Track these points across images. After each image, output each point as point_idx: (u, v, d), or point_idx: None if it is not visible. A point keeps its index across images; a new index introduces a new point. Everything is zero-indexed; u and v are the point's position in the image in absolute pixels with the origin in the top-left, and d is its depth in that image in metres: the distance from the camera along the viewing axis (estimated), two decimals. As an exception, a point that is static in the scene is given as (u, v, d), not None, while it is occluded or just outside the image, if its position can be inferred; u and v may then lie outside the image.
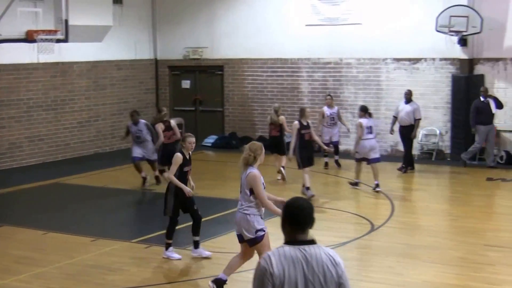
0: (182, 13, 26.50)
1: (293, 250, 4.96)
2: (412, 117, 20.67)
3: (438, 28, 21.39)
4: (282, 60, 25.08)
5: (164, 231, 12.62)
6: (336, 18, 23.97)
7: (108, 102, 24.92)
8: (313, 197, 16.73)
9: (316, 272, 4.94)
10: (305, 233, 5.03)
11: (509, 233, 13.97)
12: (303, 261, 4.93)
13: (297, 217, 5.03)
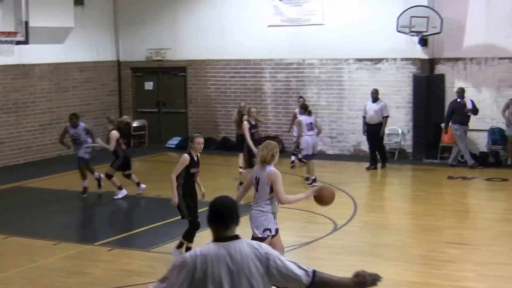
0: (144, 14, 26.44)
1: (218, 247, 5.05)
2: (380, 115, 21.01)
3: (399, 28, 21.54)
4: (245, 61, 25.12)
5: (126, 234, 12.59)
6: (298, 19, 24.05)
7: (71, 104, 24.76)
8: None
9: (241, 266, 5.01)
10: (230, 230, 5.11)
11: (469, 230, 14.14)
12: (227, 257, 5.01)
13: (220, 215, 5.12)
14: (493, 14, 21.62)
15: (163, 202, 17.11)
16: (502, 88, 21.72)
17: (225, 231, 5.11)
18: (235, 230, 5.15)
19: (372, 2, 23.02)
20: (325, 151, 23.79)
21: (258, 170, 10.13)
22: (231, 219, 5.12)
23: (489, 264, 11.70)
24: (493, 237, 13.52)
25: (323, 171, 20.91)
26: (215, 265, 5.01)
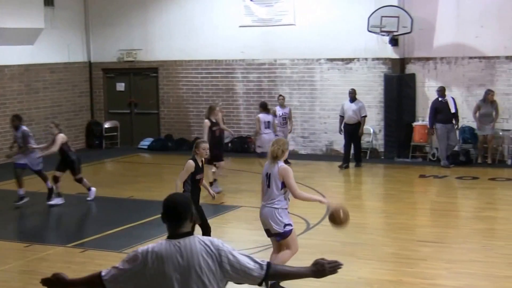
0: (115, 15, 26.36)
1: (169, 244, 5.10)
2: (358, 115, 21.23)
3: (369, 28, 21.65)
4: (217, 62, 25.12)
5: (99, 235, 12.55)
6: (269, 19, 24.10)
7: (42, 106, 24.66)
8: (220, 193, 17.01)
9: (191, 263, 5.05)
10: (183, 227, 5.16)
11: (440, 228, 14.23)
12: (177, 254, 5.06)
13: (172, 212, 5.17)
14: (462, 13, 21.78)
15: (136, 203, 17.13)
16: (472, 88, 21.89)
17: (178, 228, 5.15)
18: (188, 227, 5.19)
19: (343, 2, 23.11)
20: (298, 151, 23.86)
21: (268, 166, 10.24)
22: (184, 217, 5.16)
23: (461, 262, 11.80)
24: (464, 235, 13.63)
25: (296, 171, 20.93)
26: (165, 262, 5.04)
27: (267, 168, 10.25)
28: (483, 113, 21.10)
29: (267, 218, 10.20)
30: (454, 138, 21.15)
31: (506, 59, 21.54)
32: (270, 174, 10.12)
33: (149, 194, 17.88)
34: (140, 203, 17.08)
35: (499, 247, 12.64)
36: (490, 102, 21.12)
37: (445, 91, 21.06)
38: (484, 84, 21.66)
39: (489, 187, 18.54)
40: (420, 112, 22.50)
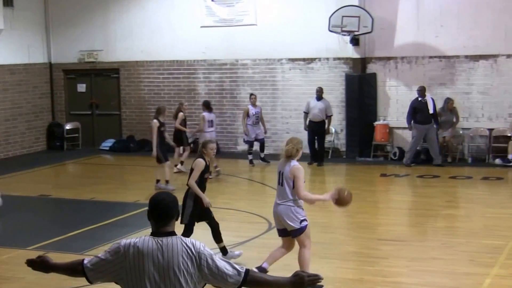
0: (75, 15, 26.19)
1: (151, 241, 5.15)
2: (324, 113, 21.45)
3: (331, 28, 21.73)
4: (178, 62, 25.08)
5: (60, 237, 12.46)
6: (231, 20, 24.10)
7: (1, 107, 24.44)
8: (173, 191, 17.10)
9: (171, 263, 5.10)
10: (168, 226, 5.22)
11: (401, 226, 14.34)
12: (158, 252, 5.11)
13: (158, 210, 5.23)
14: (422, 13, 21.96)
15: (98, 204, 17.05)
16: (432, 87, 22.06)
17: (162, 227, 5.21)
18: (173, 226, 5.26)
19: (304, 2, 23.18)
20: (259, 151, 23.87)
21: (281, 164, 10.39)
22: (170, 216, 5.23)
23: (422, 260, 11.88)
24: (425, 233, 13.74)
25: (257, 172, 21.04)
26: (145, 258, 5.10)
27: (280, 166, 10.42)
28: (444, 120, 21.34)
29: (282, 216, 10.33)
30: (434, 138, 21.08)
31: (465, 58, 21.74)
32: (282, 173, 10.28)
33: (111, 196, 17.82)
34: (102, 205, 17.00)
35: (459, 244, 12.75)
36: (450, 110, 21.35)
37: (425, 91, 21.07)
38: (444, 84, 21.87)
39: (450, 186, 18.70)
40: (382, 111, 22.64)
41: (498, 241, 12.80)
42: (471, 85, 21.81)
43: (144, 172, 21.07)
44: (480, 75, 21.69)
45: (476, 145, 21.99)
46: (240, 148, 24.25)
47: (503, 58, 21.41)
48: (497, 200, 16.89)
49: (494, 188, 18.54)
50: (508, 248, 12.22)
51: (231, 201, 16.87)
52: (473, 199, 17.03)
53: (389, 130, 22.31)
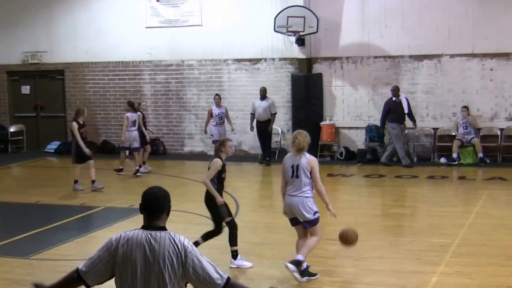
0: (18, 15, 25.87)
1: (141, 234, 5.30)
2: (269, 112, 21.71)
3: (276, 28, 21.78)
4: (124, 63, 24.93)
5: (5, 242, 12.28)
6: (176, 20, 24.04)
7: None
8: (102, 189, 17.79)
9: (157, 256, 5.22)
10: (159, 220, 5.37)
11: (348, 226, 14.38)
12: (147, 244, 5.24)
13: (149, 204, 5.39)
14: (367, 13, 22.13)
15: (44, 208, 16.85)
16: (377, 86, 22.26)
17: (153, 221, 5.36)
18: (164, 220, 5.41)
19: (249, 2, 23.20)
20: (206, 152, 23.85)
21: (293, 158, 10.79)
22: (162, 210, 5.40)
23: (369, 259, 11.95)
24: (372, 232, 13.81)
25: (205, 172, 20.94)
26: (134, 250, 5.24)
27: (291, 160, 10.77)
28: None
29: (298, 206, 10.68)
30: (402, 139, 21.23)
31: (410, 58, 21.97)
32: (298, 165, 10.63)
33: (57, 199, 17.64)
34: (48, 208, 16.82)
35: (405, 243, 12.86)
36: None
37: (399, 90, 21.14)
38: (389, 83, 22.04)
39: (396, 185, 18.86)
40: (328, 111, 22.76)
41: (443, 239, 12.94)
42: (416, 85, 22.04)
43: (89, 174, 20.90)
44: (425, 75, 21.93)
45: (421, 145, 22.23)
46: (186, 149, 24.21)
47: (447, 58, 21.66)
48: (442, 198, 17.07)
49: (439, 187, 18.74)
50: (454, 246, 12.36)
51: (178, 203, 16.77)
52: (418, 198, 17.20)
53: (335, 130, 22.44)
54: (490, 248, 12.14)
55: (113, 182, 19.88)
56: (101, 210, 16.05)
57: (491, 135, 21.62)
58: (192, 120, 24.16)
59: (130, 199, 17.20)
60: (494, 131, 21.57)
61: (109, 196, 17.71)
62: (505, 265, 11.20)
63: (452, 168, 20.59)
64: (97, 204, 16.58)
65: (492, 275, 10.66)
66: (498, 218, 14.45)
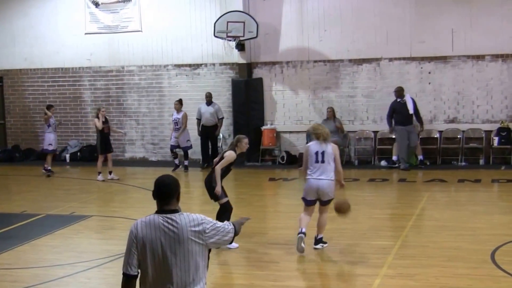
0: (-46, 23, 25.45)
1: (158, 218, 5.89)
2: (216, 117, 21.90)
3: (216, 33, 21.79)
4: (63, 70, 24.71)
5: None
6: (115, 26, 23.90)
7: None
8: None
9: (179, 234, 5.83)
10: (171, 204, 5.94)
11: (290, 230, 14.37)
12: (164, 226, 5.84)
13: (162, 190, 5.97)
14: (306, 18, 22.26)
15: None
16: (318, 90, 22.40)
17: (165, 205, 5.93)
18: (175, 204, 5.97)
19: (189, 8, 23.16)
20: (148, 158, 23.76)
21: (318, 146, 12.18)
22: (173, 195, 5.96)
23: (311, 262, 11.99)
24: (313, 235, 13.84)
25: (146, 178, 20.86)
26: (153, 233, 5.85)
27: (317, 147, 12.16)
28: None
29: (326, 189, 12.20)
30: (414, 139, 21.00)
31: (349, 62, 22.14)
32: (323, 152, 12.09)
33: (-4, 207, 17.39)
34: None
35: (348, 246, 12.92)
36: (329, 118, 21.69)
37: (402, 91, 21.04)
38: (329, 87, 22.22)
39: (337, 188, 18.91)
40: (269, 116, 22.83)
41: (385, 241, 13.05)
42: (355, 89, 22.23)
43: (30, 182, 20.67)
44: (364, 79, 22.13)
45: (362, 148, 22.41)
46: (127, 155, 24.08)
47: (386, 62, 21.89)
48: (383, 201, 17.23)
49: (380, 189, 18.90)
50: (396, 248, 12.46)
51: (120, 209, 16.69)
52: (360, 200, 17.27)
53: (276, 134, 22.52)
54: (432, 250, 12.27)
55: (54, 189, 19.66)
56: (42, 218, 15.85)
57: (430, 138, 21.90)
58: (133, 126, 24.03)
59: (70, 206, 17.07)
60: (433, 134, 21.85)
61: (50, 203, 17.50)
62: (447, 266, 11.32)
63: (392, 171, 20.79)
64: (37, 212, 16.37)
65: (434, 277, 10.77)
66: (439, 220, 14.62)
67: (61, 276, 11.40)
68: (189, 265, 5.89)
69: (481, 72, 21.39)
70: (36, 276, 11.44)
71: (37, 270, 11.79)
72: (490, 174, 19.79)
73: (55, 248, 13.29)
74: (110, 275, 11.50)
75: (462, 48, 21.37)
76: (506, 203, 16.65)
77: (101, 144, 20.43)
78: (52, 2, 24.55)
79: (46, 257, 12.71)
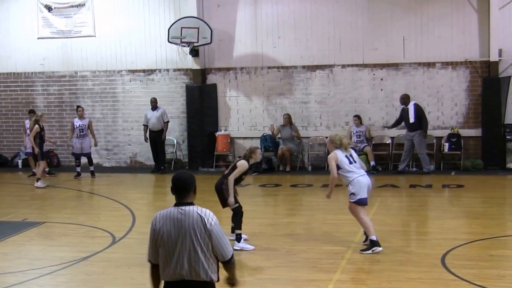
0: None
1: (173, 210, 6.49)
2: (161, 121, 21.99)
3: (170, 39, 21.78)
4: (15, 75, 24.50)
5: None
6: (69, 31, 23.78)
7: None
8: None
9: (188, 226, 6.41)
10: (186, 198, 6.51)
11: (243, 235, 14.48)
12: (178, 217, 6.44)
13: (178, 185, 6.54)
14: (260, 24, 22.36)
15: None
16: (271, 96, 22.51)
17: (182, 199, 6.52)
18: (192, 198, 6.55)
19: (143, 13, 23.14)
20: (102, 164, 23.66)
21: (344, 152, 12.59)
22: (189, 189, 6.51)
23: (265, 268, 12.00)
24: (268, 241, 13.90)
25: (100, 184, 20.80)
26: (167, 223, 6.44)
27: (343, 153, 12.57)
28: (284, 137, 21.84)
29: (370, 183, 12.92)
30: (417, 146, 20.95)
31: (302, 68, 22.28)
32: (351, 154, 12.64)
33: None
34: None
35: (301, 251, 12.97)
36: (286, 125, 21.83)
37: (407, 99, 20.96)
38: (283, 93, 22.35)
39: (291, 193, 19.07)
40: (223, 122, 22.89)
41: (338, 246, 13.12)
42: (309, 95, 22.37)
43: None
44: (317, 85, 22.29)
45: (316, 153, 22.55)
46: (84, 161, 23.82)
47: (339, 68, 22.07)
48: (336, 206, 17.27)
49: (333, 195, 18.86)
50: (348, 253, 12.56)
51: (73, 216, 16.58)
52: (313, 206, 17.39)
53: (230, 140, 22.58)
54: (384, 255, 12.37)
55: (6, 195, 19.49)
56: (-6, 225, 15.70)
57: (382, 144, 22.13)
58: (87, 131, 23.93)
59: (22, 212, 16.93)
60: (385, 140, 22.07)
61: (1, 210, 17.34)
62: (399, 270, 11.44)
63: (345, 177, 20.90)
64: (-12, 219, 16.22)
65: (387, 281, 10.87)
66: (391, 225, 14.76)
67: (13, 283, 11.30)
68: (200, 253, 6.42)
69: (432, 79, 21.67)
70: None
71: (-12, 278, 11.69)
72: (440, 180, 20.04)
73: (6, 255, 13.17)
74: (62, 282, 11.44)
75: (413, 56, 21.64)
76: (456, 208, 16.90)
77: (40, 150, 20.29)
78: (4, 6, 24.35)
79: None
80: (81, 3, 23.64)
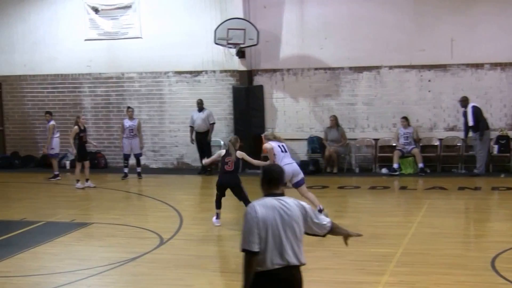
0: (-46, 29, 25.43)
1: (271, 200, 6.79)
2: (207, 122, 22.04)
3: (216, 41, 21.79)
4: (63, 76, 24.69)
5: None
6: (115, 33, 23.89)
7: None
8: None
9: (292, 215, 6.77)
10: (278, 189, 6.88)
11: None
12: (281, 206, 6.75)
13: (272, 177, 6.91)
14: (307, 26, 22.28)
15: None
16: (318, 98, 22.40)
17: (274, 189, 6.86)
18: (282, 189, 6.92)
19: (190, 15, 23.17)
20: (149, 165, 23.73)
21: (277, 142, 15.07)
22: (280, 181, 6.91)
23: (312, 270, 11.76)
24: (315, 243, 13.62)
25: (147, 185, 20.88)
26: (270, 213, 6.69)
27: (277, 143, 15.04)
28: (331, 139, 21.75)
29: None
30: (476, 148, 20.80)
31: (349, 69, 22.15)
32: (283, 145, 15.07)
33: (-4, 214, 17.35)
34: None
35: (348, 253, 12.84)
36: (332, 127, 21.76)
37: (466, 101, 20.76)
38: (330, 95, 22.24)
39: (338, 195, 18.97)
40: (269, 123, 22.83)
41: (386, 249, 13.02)
42: (356, 96, 22.24)
43: (29, 189, 20.64)
44: (364, 86, 22.14)
45: (363, 155, 22.41)
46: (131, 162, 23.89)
47: (386, 70, 21.90)
48: (384, 209, 17.20)
49: (381, 197, 18.89)
50: (397, 256, 12.45)
51: (121, 217, 16.66)
52: (361, 208, 17.30)
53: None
54: (433, 257, 12.26)
55: (54, 196, 19.64)
56: (42, 225, 15.82)
57: (430, 145, 21.92)
58: (133, 133, 24.02)
59: (70, 213, 17.05)
60: (433, 142, 21.87)
61: (50, 210, 17.48)
62: (448, 273, 11.31)
63: (393, 178, 20.79)
64: (37, 219, 16.33)
65: (435, 284, 10.76)
66: (439, 227, 14.61)
67: (62, 284, 11.37)
68: (298, 240, 6.81)
69: (480, 81, 21.41)
70: (37, 284, 11.41)
71: (38, 278, 11.75)
72: (489, 182, 19.79)
73: (55, 255, 13.27)
74: (110, 283, 11.49)
75: (461, 57, 21.40)
76: (506, 210, 16.66)
77: (78, 152, 20.39)
78: (52, 8, 24.55)
79: (47, 264, 12.68)
80: (127, 5, 23.76)
